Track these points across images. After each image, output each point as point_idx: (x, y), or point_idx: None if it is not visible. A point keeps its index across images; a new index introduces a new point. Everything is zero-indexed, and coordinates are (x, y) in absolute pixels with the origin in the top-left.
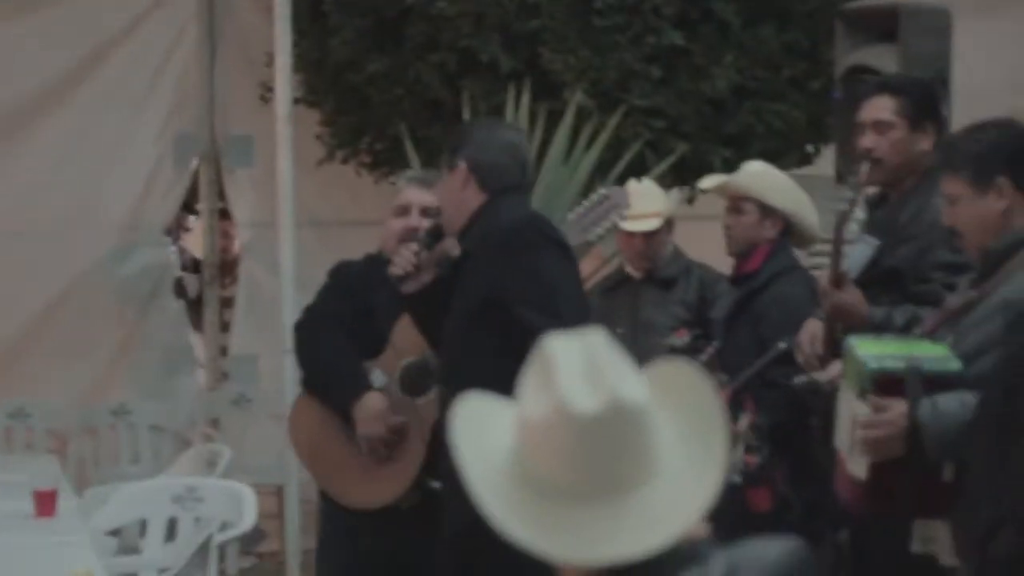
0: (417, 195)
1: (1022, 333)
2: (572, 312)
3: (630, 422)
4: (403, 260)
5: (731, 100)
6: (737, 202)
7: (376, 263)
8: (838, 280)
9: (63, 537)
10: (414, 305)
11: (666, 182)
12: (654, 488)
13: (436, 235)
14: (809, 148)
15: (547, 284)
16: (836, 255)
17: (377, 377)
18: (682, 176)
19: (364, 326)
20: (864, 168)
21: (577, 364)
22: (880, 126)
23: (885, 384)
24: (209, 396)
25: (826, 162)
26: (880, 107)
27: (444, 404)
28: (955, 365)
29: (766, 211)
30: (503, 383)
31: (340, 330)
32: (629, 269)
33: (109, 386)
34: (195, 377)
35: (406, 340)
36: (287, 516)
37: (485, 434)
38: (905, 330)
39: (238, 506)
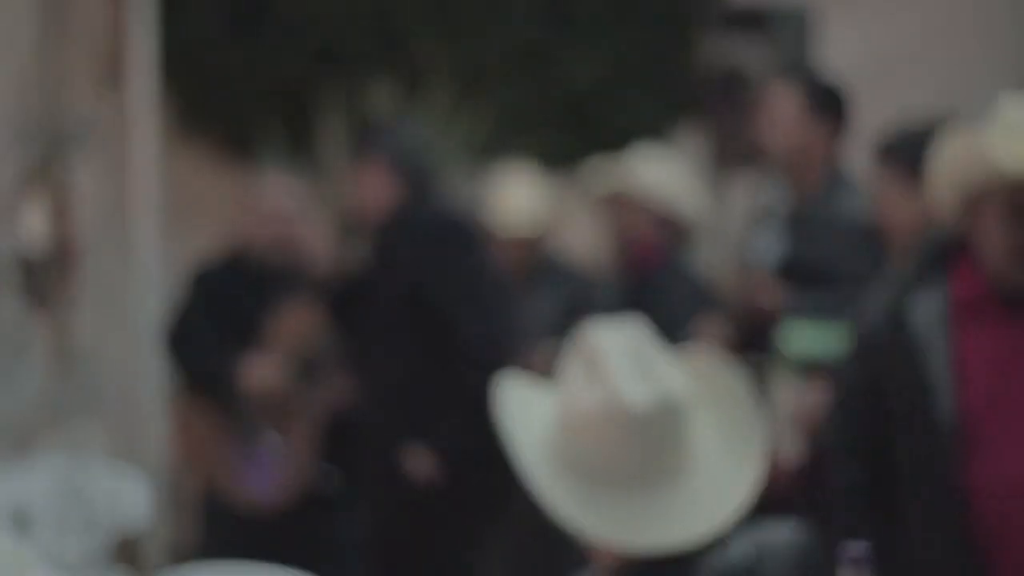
0: (278, 197)
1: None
2: (492, 303)
3: (677, 415)
4: (325, 263)
5: (590, 92)
6: (622, 197)
7: (240, 263)
8: (752, 272)
9: None
10: (332, 301)
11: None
12: (693, 478)
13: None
14: (661, 141)
15: (468, 276)
16: (749, 242)
17: None
18: (541, 167)
19: (233, 327)
20: (780, 151)
21: (624, 357)
22: (775, 113)
23: (818, 368)
24: (53, 388)
25: (677, 155)
26: (777, 95)
27: (366, 396)
28: None
29: (650, 206)
30: (423, 373)
31: (209, 330)
32: (505, 263)
33: None
34: (38, 366)
35: (286, 337)
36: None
37: (527, 417)
38: (824, 317)
39: (130, 496)
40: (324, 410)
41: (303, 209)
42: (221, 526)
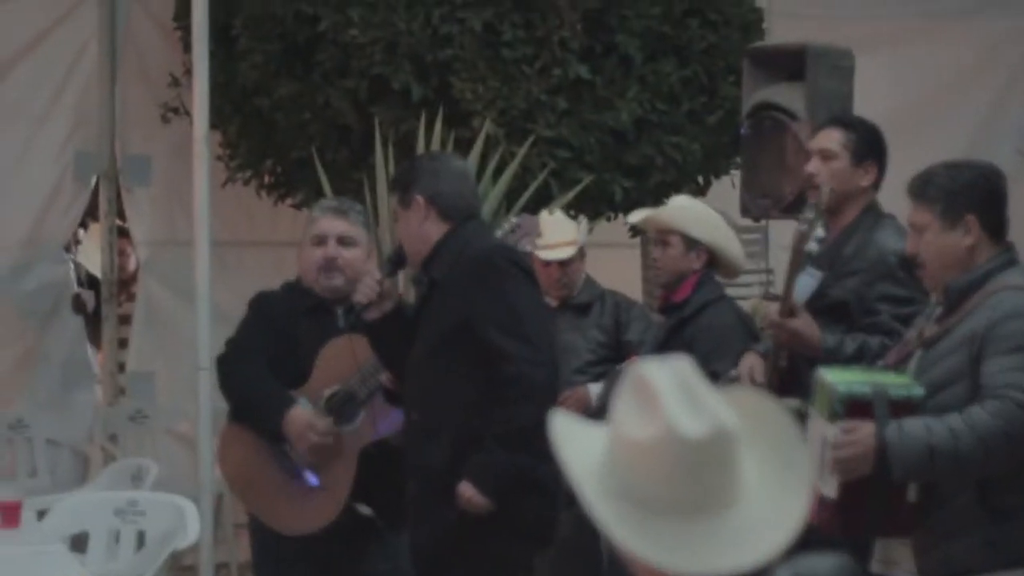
0: (332, 224)
1: None
2: (540, 337)
3: (729, 444)
4: (366, 288)
5: (632, 132)
6: (663, 235)
7: (296, 292)
8: (791, 308)
9: (38, 547)
10: (376, 332)
11: (569, 211)
12: (744, 507)
13: (397, 262)
14: (701, 180)
15: (516, 310)
16: (791, 277)
17: (303, 405)
18: (584, 205)
19: (287, 356)
20: (826, 190)
21: (675, 389)
22: (825, 154)
23: (854, 407)
24: (106, 411)
25: (716, 194)
26: (829, 137)
27: (413, 429)
28: (919, 391)
29: (690, 243)
30: (473, 406)
31: (262, 361)
32: (546, 296)
33: (6, 400)
34: (93, 393)
35: (330, 369)
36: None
37: (579, 448)
38: (857, 357)
39: (181, 519)
40: (367, 441)
41: (356, 232)
42: (269, 549)
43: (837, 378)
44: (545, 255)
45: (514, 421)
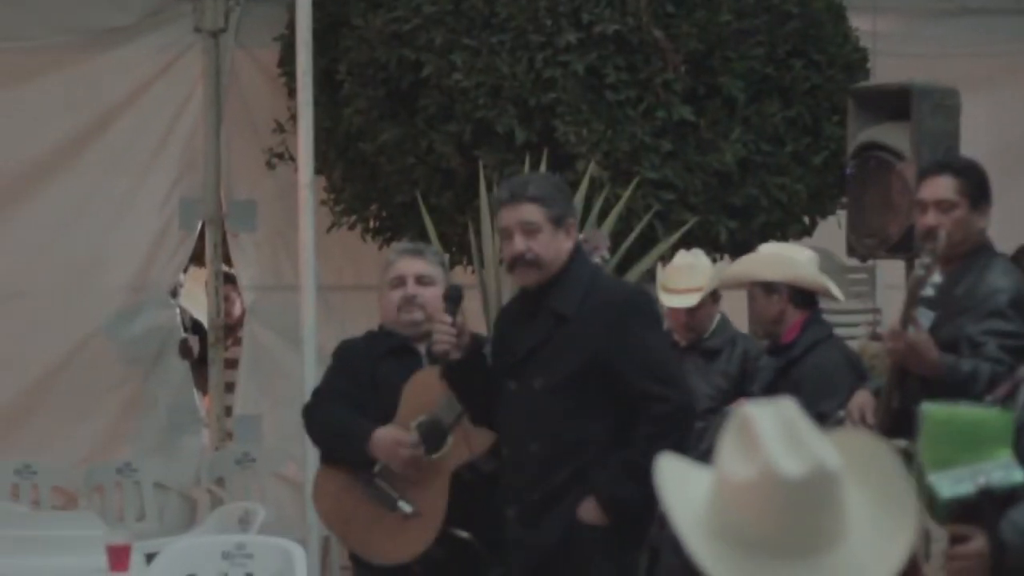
0: (409, 265)
1: None
2: (682, 379)
3: (830, 485)
4: (443, 336)
5: (737, 173)
6: (743, 289)
7: (377, 338)
8: (909, 325)
9: None
10: (458, 371)
11: (673, 253)
12: (846, 548)
13: (456, 299)
14: (807, 221)
15: (657, 354)
16: (909, 307)
17: None
18: (689, 247)
19: (370, 398)
20: (943, 235)
21: (777, 430)
22: (943, 205)
23: (959, 510)
24: (213, 455)
25: (822, 235)
26: (943, 187)
27: (531, 459)
28: (1019, 476)
29: (768, 287)
30: (602, 443)
31: (344, 404)
32: (675, 335)
33: (115, 445)
34: (200, 436)
35: (415, 402)
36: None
37: (684, 490)
38: (971, 378)
39: (289, 563)
40: (457, 464)
41: (433, 271)
42: None
43: (937, 466)
44: (668, 301)
45: (647, 456)
